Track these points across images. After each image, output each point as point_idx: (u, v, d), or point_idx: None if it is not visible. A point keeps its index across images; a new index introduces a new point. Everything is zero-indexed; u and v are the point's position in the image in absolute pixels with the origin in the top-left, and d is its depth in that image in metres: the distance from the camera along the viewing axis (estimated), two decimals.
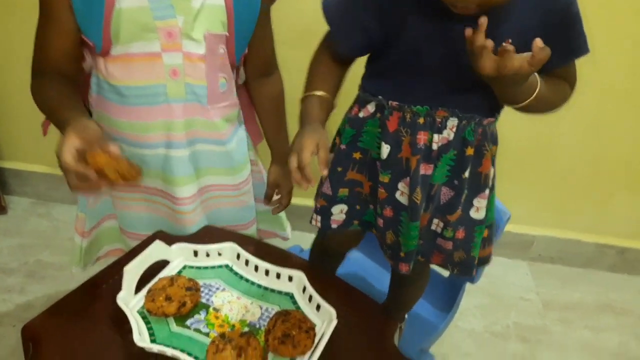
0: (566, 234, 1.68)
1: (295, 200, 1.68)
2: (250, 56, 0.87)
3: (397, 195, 0.77)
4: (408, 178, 0.75)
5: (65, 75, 0.77)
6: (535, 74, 0.66)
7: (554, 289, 1.64)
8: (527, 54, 0.59)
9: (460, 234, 0.79)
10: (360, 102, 0.79)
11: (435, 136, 0.73)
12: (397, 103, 0.73)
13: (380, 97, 0.75)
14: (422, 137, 0.73)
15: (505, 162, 1.56)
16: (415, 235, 0.79)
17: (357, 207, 0.84)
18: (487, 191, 0.78)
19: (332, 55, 0.78)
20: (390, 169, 0.76)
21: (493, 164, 0.78)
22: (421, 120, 0.72)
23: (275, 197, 1.02)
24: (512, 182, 1.57)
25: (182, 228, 0.88)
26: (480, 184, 0.78)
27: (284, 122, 0.98)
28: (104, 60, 0.76)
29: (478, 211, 0.79)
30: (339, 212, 0.84)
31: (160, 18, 0.73)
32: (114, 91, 0.78)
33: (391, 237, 0.81)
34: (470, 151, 0.74)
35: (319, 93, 0.76)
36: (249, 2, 0.79)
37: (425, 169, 0.75)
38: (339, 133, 0.84)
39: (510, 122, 1.57)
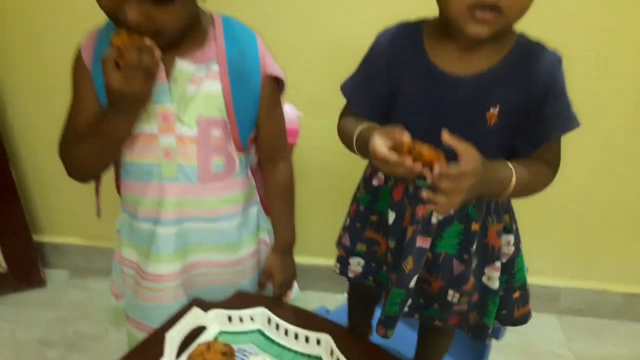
0: (592, 284, 1.67)
1: (318, 261, 1.74)
2: (257, 140, 0.93)
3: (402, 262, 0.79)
4: None
5: None
6: (511, 166, 0.69)
7: (586, 342, 1.61)
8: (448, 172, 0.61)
9: (475, 298, 0.82)
10: (373, 169, 0.84)
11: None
12: None
13: None
14: (420, 210, 0.76)
15: (523, 216, 1.59)
16: (397, 302, 0.81)
17: (373, 264, 0.88)
18: (497, 263, 0.80)
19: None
20: (395, 236, 0.80)
21: (510, 230, 0.80)
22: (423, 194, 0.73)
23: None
24: (529, 235, 1.58)
25: (157, 306, 0.90)
26: (488, 254, 0.79)
27: (289, 213, 0.99)
28: None
29: (490, 280, 0.81)
30: (356, 264, 0.89)
31: (158, 102, 0.81)
32: (123, 167, 0.89)
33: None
34: (475, 227, 0.77)
35: (365, 125, 0.76)
36: (249, 89, 0.84)
37: (422, 242, 0.77)
38: (356, 197, 0.90)
39: None
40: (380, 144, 0.65)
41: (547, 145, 0.72)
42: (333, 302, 1.66)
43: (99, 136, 0.80)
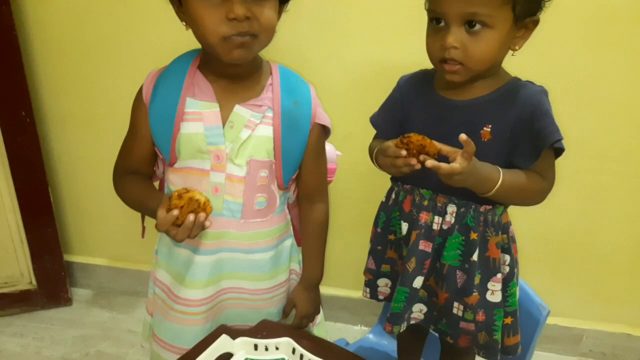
0: (616, 327, 1.64)
1: (339, 292, 1.75)
2: (298, 180, 0.98)
3: None
4: None
5: (141, 175, 0.95)
6: (499, 168, 0.80)
7: None
8: (457, 150, 0.76)
9: (481, 316, 0.88)
10: (390, 190, 0.96)
11: (436, 217, 0.87)
12: (409, 186, 0.89)
13: (399, 182, 0.91)
14: (423, 216, 0.87)
15: (546, 256, 1.60)
16: (401, 300, 0.91)
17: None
18: (499, 275, 0.87)
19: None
20: (407, 244, 0.89)
21: (507, 251, 0.88)
22: (425, 203, 0.88)
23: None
24: (554, 276, 1.59)
25: (186, 328, 0.93)
26: (490, 267, 0.87)
27: (320, 251, 1.04)
28: (170, 169, 0.92)
29: (494, 294, 0.88)
30: (384, 285, 1.00)
31: (212, 143, 0.87)
32: None
33: None
34: (474, 235, 0.85)
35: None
36: (297, 135, 0.91)
37: (424, 246, 0.88)
38: (376, 220, 1.00)
39: (544, 216, 1.62)
40: (390, 142, 0.85)
41: (540, 161, 0.81)
42: (352, 334, 1.68)
43: (143, 210, 0.94)
